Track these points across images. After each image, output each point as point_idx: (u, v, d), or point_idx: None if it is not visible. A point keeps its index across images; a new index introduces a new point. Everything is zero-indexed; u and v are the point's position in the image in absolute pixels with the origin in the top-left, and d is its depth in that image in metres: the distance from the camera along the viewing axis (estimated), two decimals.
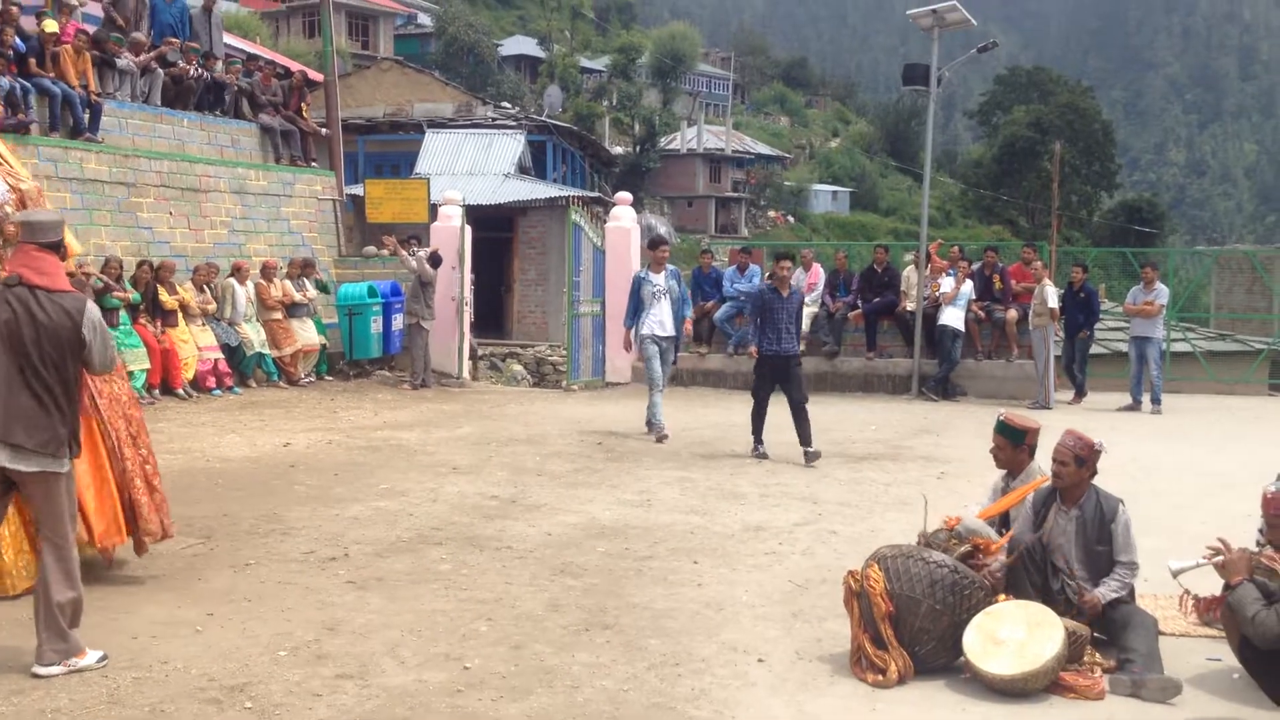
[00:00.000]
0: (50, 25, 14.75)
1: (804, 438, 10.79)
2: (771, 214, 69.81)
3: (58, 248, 5.15)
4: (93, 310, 5.10)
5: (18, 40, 13.97)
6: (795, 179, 74.29)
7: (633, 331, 12.34)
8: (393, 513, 8.29)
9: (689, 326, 13.66)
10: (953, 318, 16.00)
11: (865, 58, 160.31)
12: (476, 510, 8.49)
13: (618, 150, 57.70)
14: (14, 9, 14.42)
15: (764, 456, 10.91)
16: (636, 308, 12.23)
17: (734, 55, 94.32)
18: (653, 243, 12.82)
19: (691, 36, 75.09)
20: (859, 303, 16.95)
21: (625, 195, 19.29)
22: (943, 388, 16.16)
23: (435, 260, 16.46)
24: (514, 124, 30.45)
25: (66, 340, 4.94)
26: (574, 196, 22.88)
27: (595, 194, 30.59)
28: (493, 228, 23.72)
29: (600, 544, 7.58)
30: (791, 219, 69.12)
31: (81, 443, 5.34)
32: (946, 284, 16.25)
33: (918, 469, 10.61)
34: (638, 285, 12.29)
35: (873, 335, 16.90)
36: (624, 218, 18.07)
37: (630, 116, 66.06)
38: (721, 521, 8.31)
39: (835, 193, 77.27)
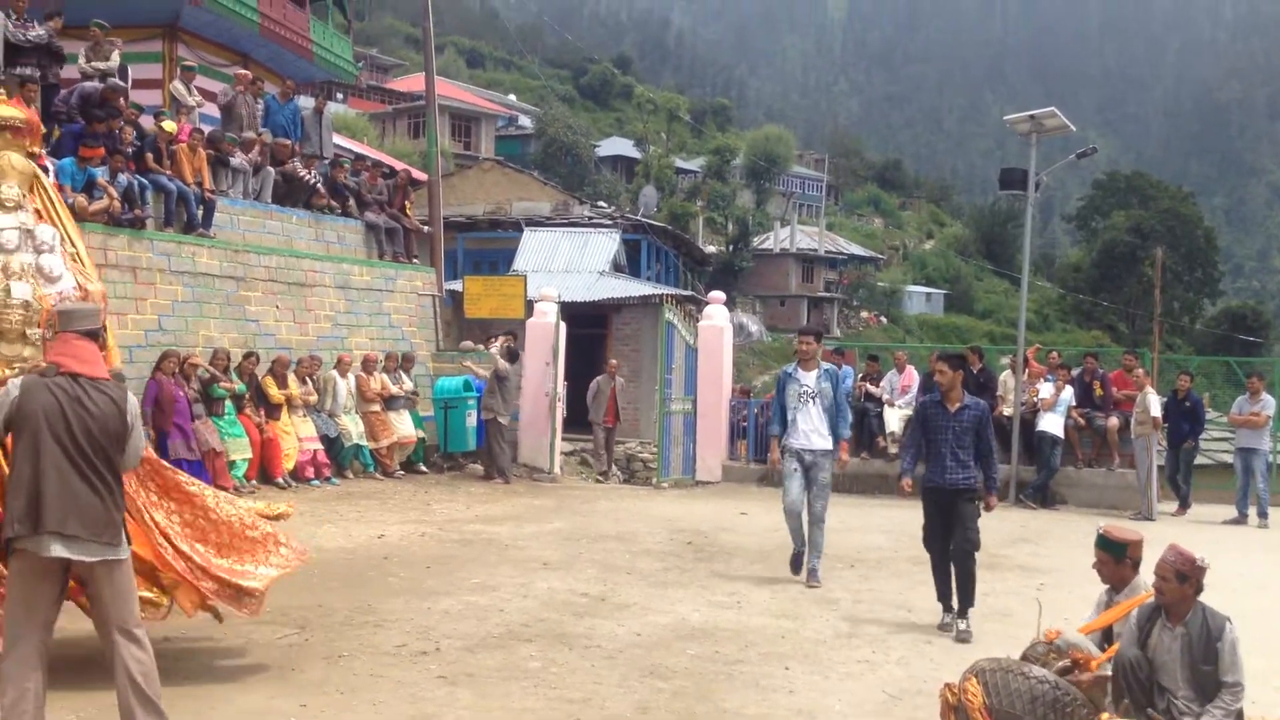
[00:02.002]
0: (169, 125, 15.44)
1: (961, 597, 8.25)
2: (864, 314, 69.58)
3: (96, 335, 5.16)
4: (133, 400, 5.13)
5: (136, 139, 14.64)
6: (889, 280, 74.11)
7: (779, 442, 9.96)
8: (484, 607, 8.32)
9: (845, 448, 10.16)
10: (1052, 424, 15.73)
11: (960, 160, 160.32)
12: (566, 607, 8.48)
13: (711, 249, 58.13)
14: (134, 110, 15.14)
15: (963, 636, 8.03)
16: (782, 411, 9.93)
17: (828, 157, 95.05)
18: (800, 332, 10.43)
19: (786, 138, 75.90)
20: None
21: (718, 294, 19.42)
22: (1041, 495, 15.84)
23: (512, 355, 16.69)
24: (609, 223, 30.90)
25: (114, 428, 4.92)
26: (667, 294, 23.09)
27: (689, 292, 30.82)
28: (587, 324, 23.97)
29: (690, 646, 7.51)
30: (885, 320, 68.81)
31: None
32: (1045, 389, 16.02)
33: (1015, 579, 10.37)
34: (782, 384, 10.04)
35: None
36: (717, 316, 18.17)
37: (724, 216, 66.68)
38: (813, 626, 8.20)
39: (929, 294, 76.85)
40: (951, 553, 8.29)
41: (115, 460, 4.95)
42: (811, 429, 9.79)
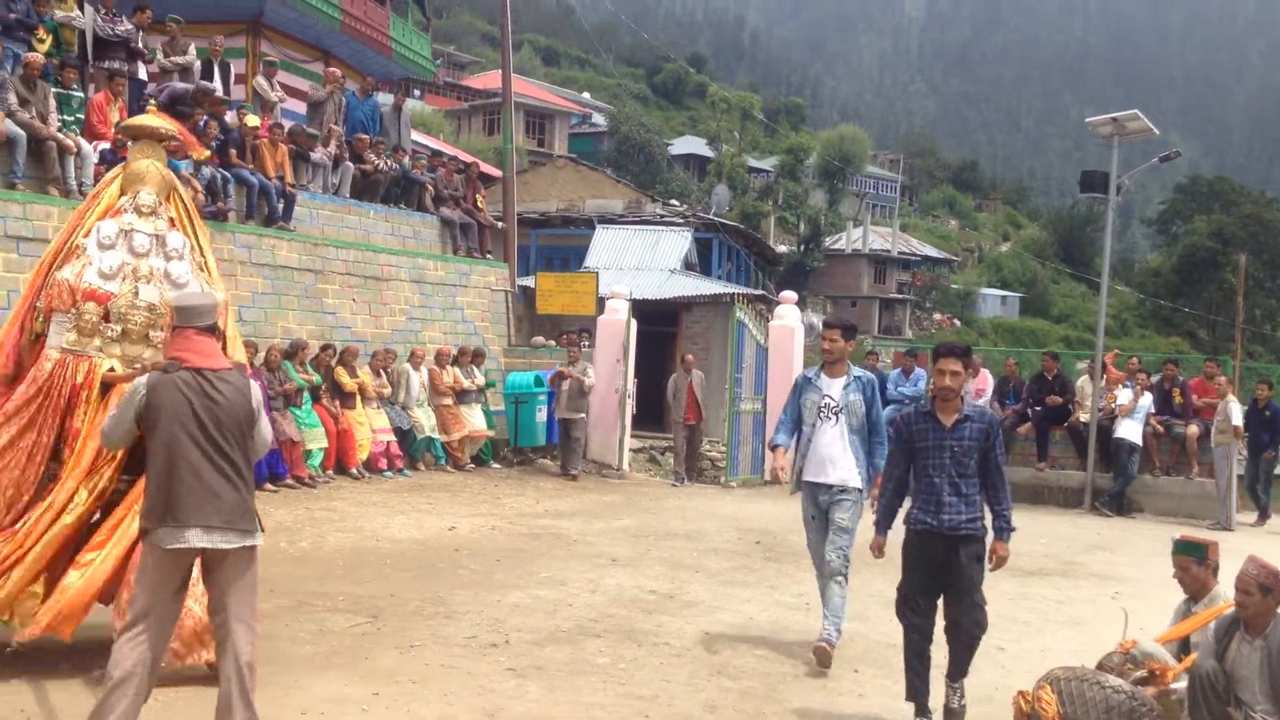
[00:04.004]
0: (252, 120, 15.72)
1: (953, 665, 6.00)
2: (937, 317, 68.86)
3: (214, 330, 5.24)
4: (256, 387, 5.21)
5: (221, 133, 14.91)
6: (963, 282, 73.26)
7: (788, 457, 7.66)
8: (552, 602, 8.38)
9: (878, 484, 7.04)
10: (1130, 431, 15.47)
11: (1038, 162, 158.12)
12: (635, 604, 8.51)
13: (782, 249, 57.92)
14: (222, 105, 15.42)
15: (956, 714, 5.95)
16: (793, 422, 7.53)
17: (903, 157, 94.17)
18: (825, 324, 7.69)
19: (860, 138, 75.27)
20: (1029, 411, 16.57)
21: (790, 294, 19.33)
22: (1118, 503, 15.58)
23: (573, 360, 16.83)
24: (681, 221, 30.89)
25: (242, 416, 5.01)
26: (738, 293, 23.03)
27: (760, 291, 30.72)
28: (657, 322, 23.99)
29: (758, 646, 7.50)
30: (958, 322, 68.04)
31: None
32: (1124, 396, 15.75)
33: (1091, 587, 10.22)
34: (798, 390, 7.55)
35: (1044, 445, 16.47)
36: (788, 316, 18.10)
37: (796, 216, 66.34)
38: (883, 630, 8.13)
39: (1004, 297, 75.85)
40: (947, 630, 5.96)
41: (245, 448, 5.04)
42: (832, 456, 7.26)
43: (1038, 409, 16.49)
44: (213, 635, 5.12)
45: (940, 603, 6.03)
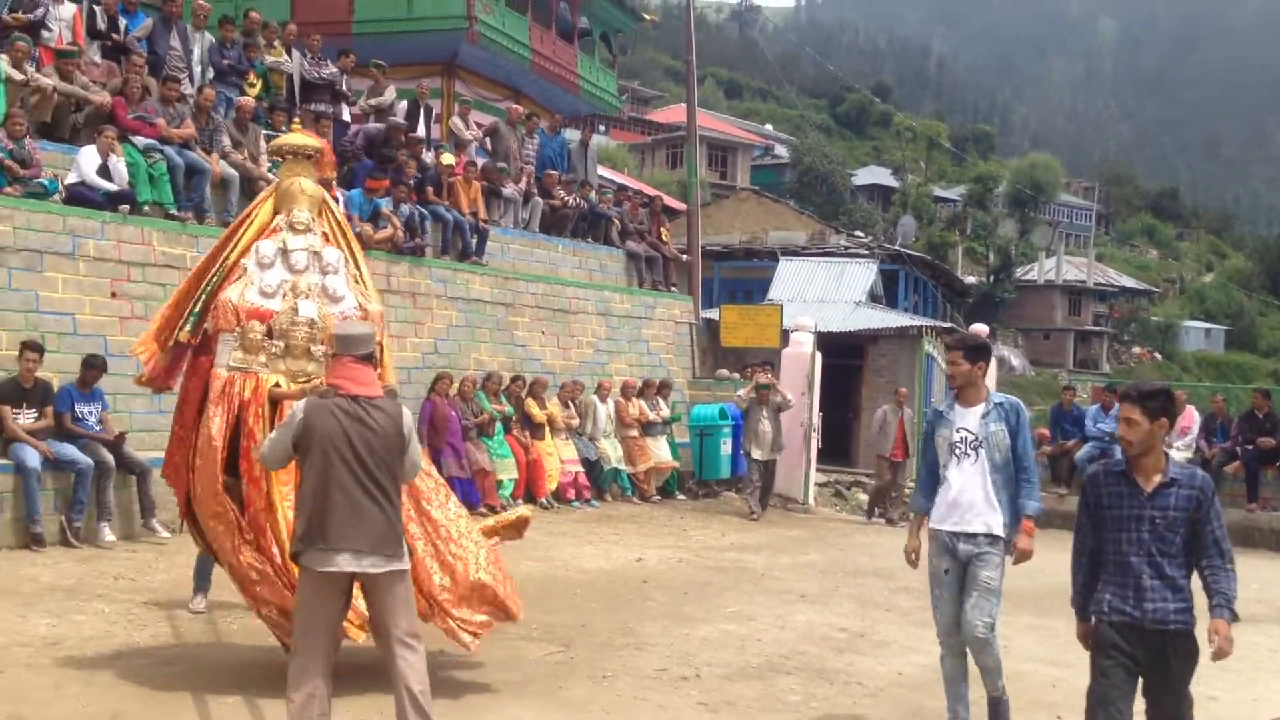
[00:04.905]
0: (447, 158, 16.26)
1: None
2: (1136, 350, 66.11)
3: (370, 358, 5.36)
4: (408, 414, 5.32)
5: (418, 171, 15.44)
6: (1163, 314, 70.19)
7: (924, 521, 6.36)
8: (742, 637, 8.31)
9: (1030, 531, 6.21)
10: None
11: (1242, 189, 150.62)
12: (825, 641, 8.38)
13: (971, 280, 56.58)
14: (419, 145, 15.98)
15: None
16: (933, 474, 6.29)
17: (1098, 184, 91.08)
18: (949, 345, 6.55)
19: (1052, 165, 73.19)
20: (1238, 450, 15.74)
21: (980, 326, 18.87)
22: None
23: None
24: (866, 252, 30.54)
25: (393, 443, 5.12)
26: (926, 326, 22.60)
27: (948, 324, 30.06)
28: (842, 355, 23.71)
29: None
30: (1158, 356, 65.18)
31: None
32: None
33: None
34: (930, 430, 6.38)
35: (1254, 485, 15.60)
36: None
37: (985, 246, 64.82)
38: (1085, 675, 7.78)
39: (1208, 330, 72.35)
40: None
41: (396, 474, 5.17)
42: (972, 500, 6.08)
43: (1248, 448, 15.65)
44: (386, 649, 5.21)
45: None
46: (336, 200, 12.71)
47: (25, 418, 10.02)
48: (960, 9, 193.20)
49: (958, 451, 6.11)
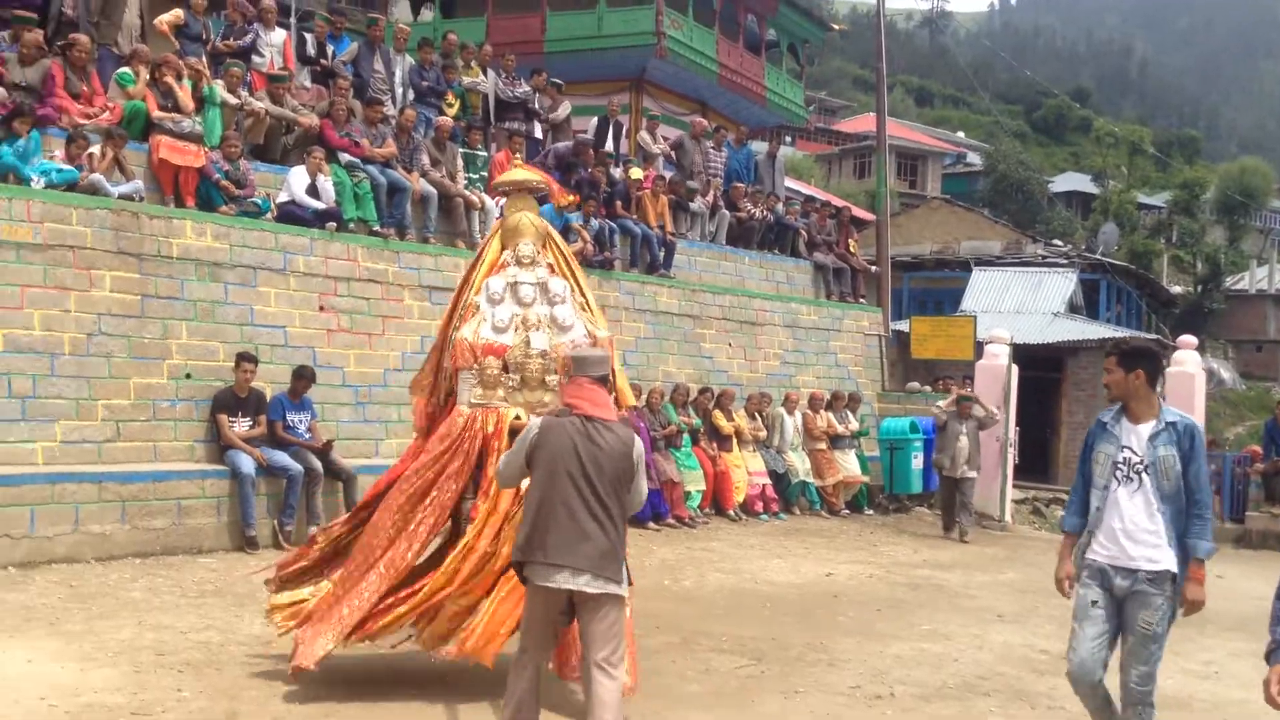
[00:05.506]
0: (636, 173, 16.44)
1: None
2: None
3: (605, 381, 5.40)
4: (639, 442, 5.30)
5: (607, 186, 15.65)
6: None
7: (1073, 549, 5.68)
8: (937, 655, 8.11)
9: (1200, 578, 5.37)
10: None
11: None
12: (1024, 663, 8.10)
13: (1177, 290, 54.06)
14: (608, 160, 16.22)
15: None
16: (1086, 490, 5.61)
17: None
18: (1107, 350, 5.67)
19: (1263, 171, 69.29)
20: None
21: (1189, 338, 18.03)
22: None
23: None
24: (1065, 262, 29.56)
25: (622, 468, 5.14)
26: (1130, 338, 21.71)
27: (1153, 336, 28.81)
28: (1040, 368, 22.98)
29: (1163, 713, 6.91)
30: None
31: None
32: None
33: None
34: (1090, 443, 5.64)
35: None
36: (1187, 362, 16.86)
37: (1192, 254, 61.79)
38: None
39: None
40: None
41: (622, 498, 5.18)
42: (1133, 530, 5.35)
43: None
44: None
45: None
46: (577, 232, 13.12)
47: (241, 426, 10.56)
48: (1163, 11, 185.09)
49: (1119, 474, 5.40)
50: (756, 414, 15.57)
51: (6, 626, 7.12)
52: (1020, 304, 26.45)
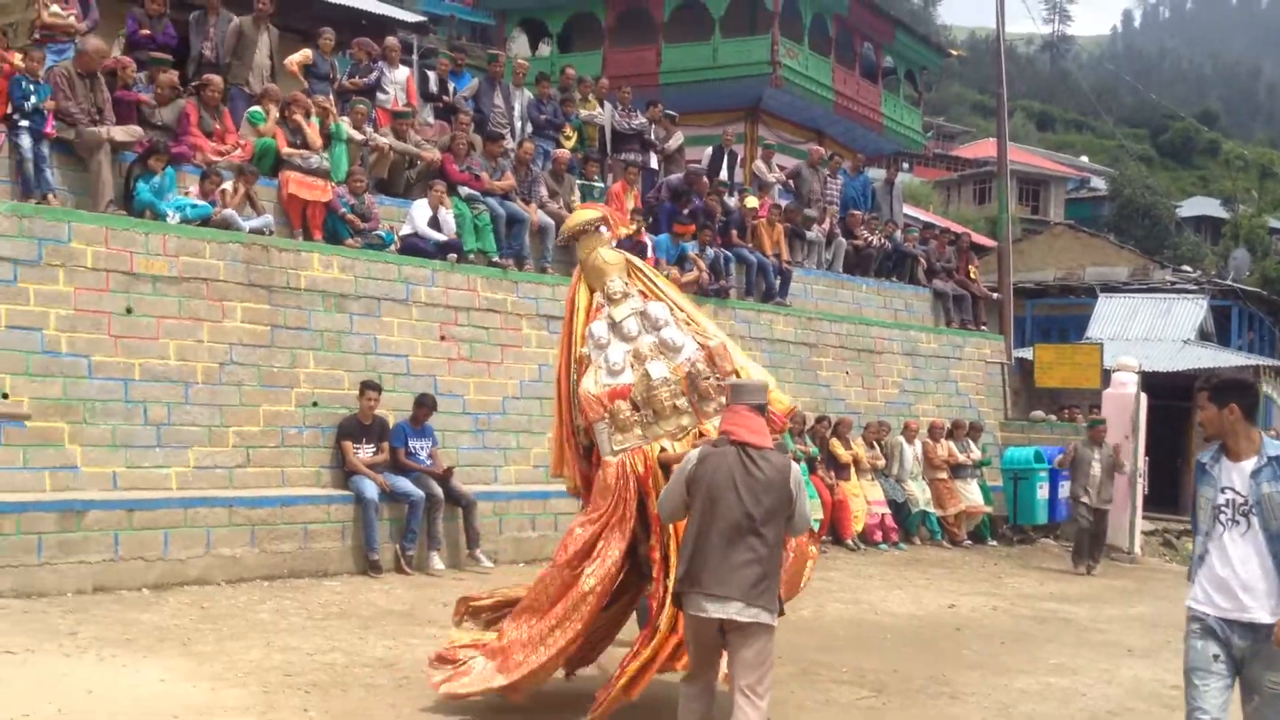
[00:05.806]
0: (751, 201, 16.47)
1: None
2: None
3: (763, 410, 5.38)
4: (797, 469, 5.27)
5: (722, 215, 15.66)
6: None
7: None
8: (1065, 690, 7.89)
9: None
10: None
11: None
12: (1155, 698, 7.84)
13: None
14: (723, 189, 16.24)
15: None
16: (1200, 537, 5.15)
17: None
18: (1199, 386, 5.76)
19: None
20: None
21: None
22: None
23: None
24: (1195, 288, 28.65)
25: (780, 495, 5.11)
26: (1264, 366, 20.95)
27: None
28: (1169, 396, 22.28)
29: None
30: None
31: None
32: None
33: None
34: (1196, 487, 5.20)
35: None
36: None
37: None
38: None
39: None
40: None
41: (779, 526, 5.18)
42: (1246, 580, 4.88)
43: None
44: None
45: None
46: (645, 246, 13.12)
47: (365, 452, 10.79)
48: None
49: (1223, 517, 4.94)
50: (875, 442, 15.39)
51: (141, 646, 7.34)
52: (1148, 331, 25.69)
